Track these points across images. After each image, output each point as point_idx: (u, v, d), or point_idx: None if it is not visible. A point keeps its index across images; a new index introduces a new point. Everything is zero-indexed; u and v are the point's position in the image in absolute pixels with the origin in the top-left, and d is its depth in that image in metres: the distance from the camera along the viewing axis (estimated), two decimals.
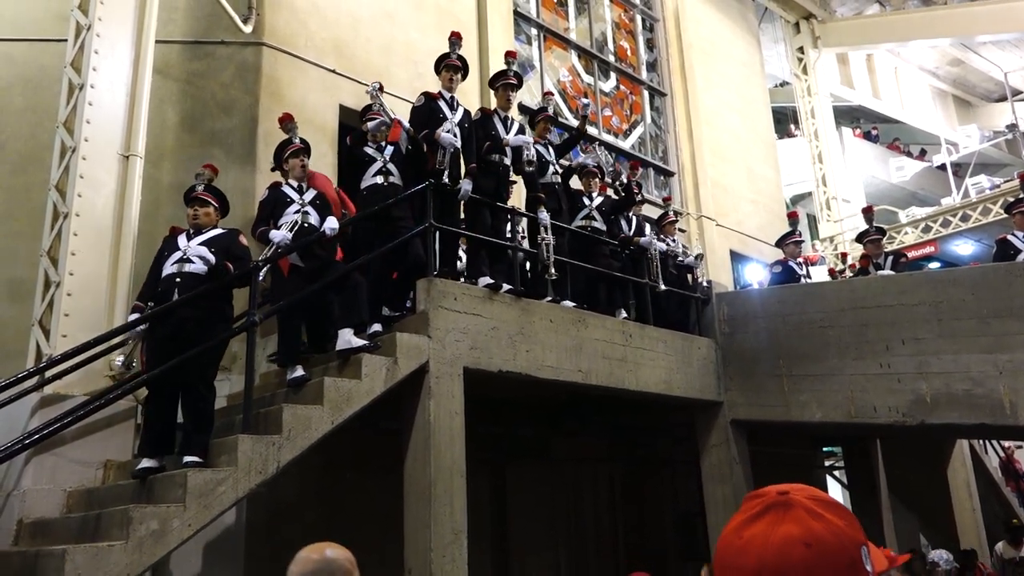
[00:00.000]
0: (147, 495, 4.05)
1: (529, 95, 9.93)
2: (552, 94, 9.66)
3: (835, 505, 0.96)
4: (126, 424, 5.01)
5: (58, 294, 5.03)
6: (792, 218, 9.79)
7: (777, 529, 0.93)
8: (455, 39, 6.29)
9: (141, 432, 4.62)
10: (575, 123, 7.24)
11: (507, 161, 6.38)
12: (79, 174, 5.22)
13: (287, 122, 5.67)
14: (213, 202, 4.86)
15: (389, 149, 5.88)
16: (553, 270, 6.02)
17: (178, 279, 4.53)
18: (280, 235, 5.04)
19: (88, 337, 4.59)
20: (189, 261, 4.59)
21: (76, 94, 5.44)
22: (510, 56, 6.87)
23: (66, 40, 5.67)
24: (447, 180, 5.81)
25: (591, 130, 10.33)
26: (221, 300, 4.66)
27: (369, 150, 5.87)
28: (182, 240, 4.70)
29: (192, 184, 5.00)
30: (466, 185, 5.84)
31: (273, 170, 5.74)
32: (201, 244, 4.68)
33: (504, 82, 6.53)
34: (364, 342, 4.89)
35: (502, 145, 6.24)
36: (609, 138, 10.91)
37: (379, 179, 5.77)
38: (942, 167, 18.56)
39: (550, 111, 7.22)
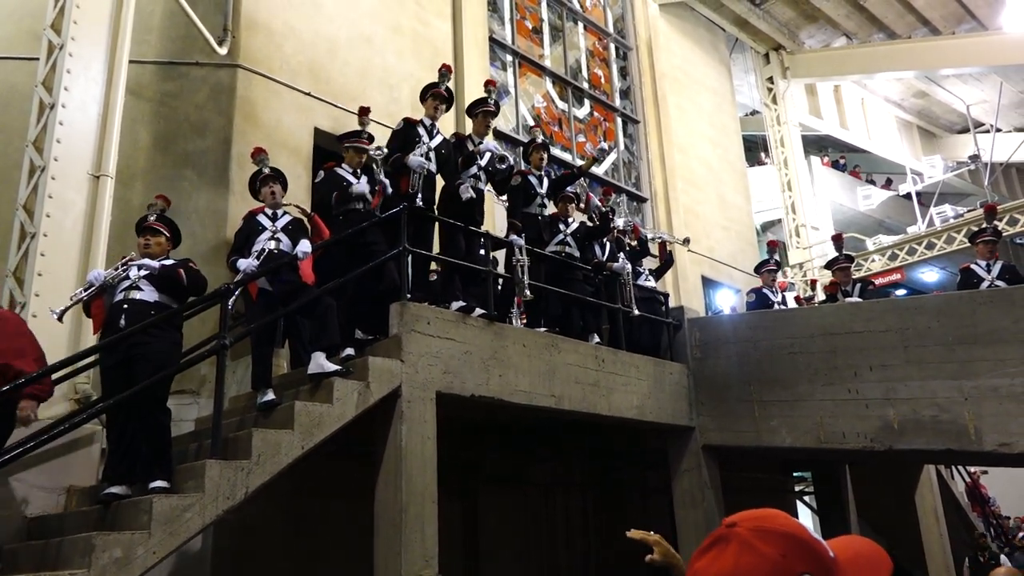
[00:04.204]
0: (111, 522, 3.96)
1: (504, 120, 10.01)
2: (537, 127, 9.77)
3: (778, 535, 0.96)
4: (90, 449, 4.92)
5: (23, 315, 4.94)
6: (771, 247, 9.94)
7: (714, 565, 0.96)
8: (445, 71, 6.40)
9: (106, 459, 4.53)
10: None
11: (481, 185, 6.41)
12: (48, 194, 5.16)
13: (258, 155, 5.69)
14: (165, 231, 4.83)
15: (364, 180, 5.89)
16: (528, 291, 6.04)
17: (125, 306, 4.46)
18: (246, 263, 5.04)
19: (53, 360, 4.51)
20: (138, 288, 4.53)
21: (47, 113, 5.40)
22: (490, 85, 6.95)
23: (38, 59, 5.63)
24: (420, 203, 5.82)
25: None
26: (170, 326, 4.60)
27: (345, 174, 5.87)
28: (132, 269, 4.63)
29: (144, 215, 4.95)
30: (465, 193, 5.87)
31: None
32: (147, 272, 4.62)
33: (483, 109, 6.57)
34: (336, 366, 4.85)
35: (475, 157, 6.28)
36: (582, 164, 11.00)
37: (356, 205, 5.77)
38: (908, 196, 18.97)
39: (539, 140, 7.29)
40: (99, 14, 5.77)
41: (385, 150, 5.90)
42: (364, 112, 6.30)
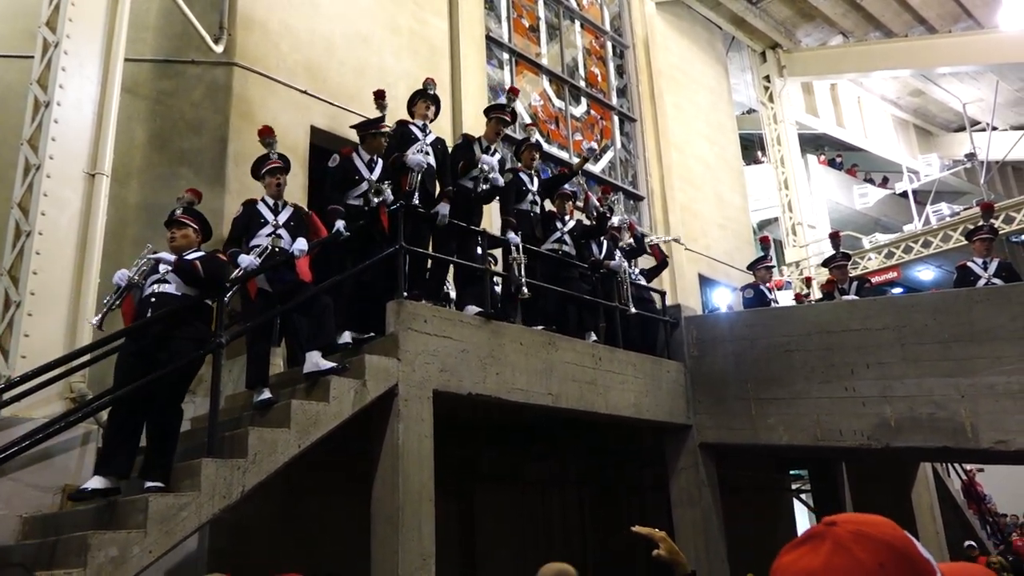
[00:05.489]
0: (106, 521, 3.95)
1: None
2: (534, 126, 9.75)
3: (880, 543, 0.89)
4: (86, 448, 4.90)
5: (18, 314, 4.93)
6: (764, 243, 9.93)
7: (802, 560, 0.91)
8: (430, 83, 6.42)
9: (100, 450, 4.52)
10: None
11: (481, 188, 6.39)
12: (43, 192, 5.14)
13: (267, 136, 5.59)
14: (192, 224, 4.81)
15: (378, 170, 5.87)
16: (526, 289, 6.03)
17: (153, 299, 4.47)
18: (248, 260, 5.01)
19: (49, 358, 4.50)
20: (165, 282, 4.53)
21: (42, 111, 5.38)
22: (513, 93, 6.94)
23: (33, 57, 5.61)
24: (418, 202, 5.81)
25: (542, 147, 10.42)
26: (196, 321, 4.56)
27: (360, 164, 5.84)
28: (162, 264, 4.64)
29: (172, 208, 4.96)
30: (443, 209, 5.85)
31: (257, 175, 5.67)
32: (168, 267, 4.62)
33: (498, 115, 6.55)
34: (332, 364, 4.85)
35: (476, 162, 6.26)
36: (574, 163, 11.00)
37: (360, 201, 5.77)
38: (904, 194, 18.99)
39: (533, 140, 7.26)
40: (94, 12, 5.75)
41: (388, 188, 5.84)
42: (380, 95, 6.28)
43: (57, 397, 4.90)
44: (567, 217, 7.28)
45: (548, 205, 7.38)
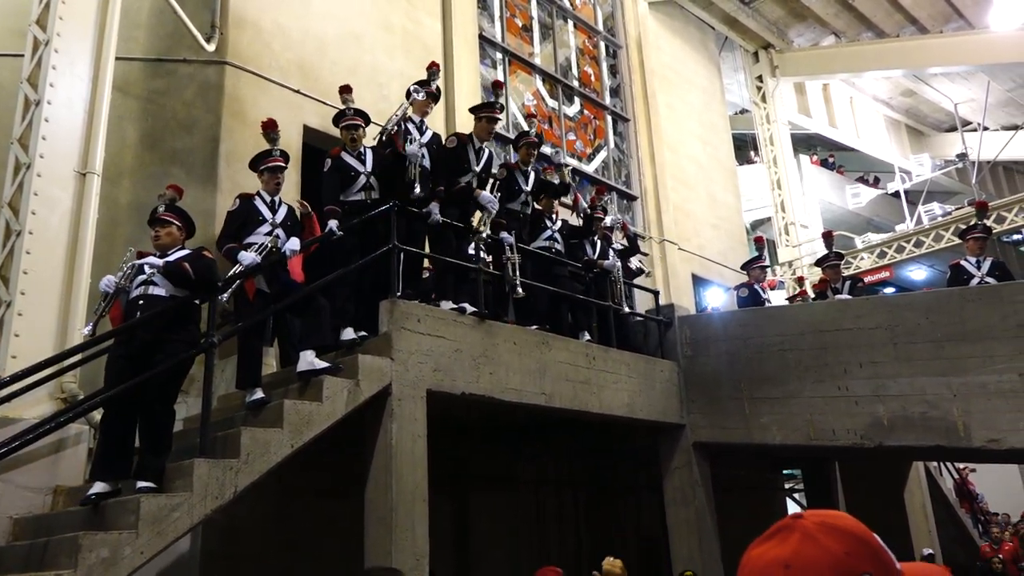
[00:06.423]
0: (98, 522, 3.93)
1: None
2: (536, 116, 9.69)
3: (845, 533, 0.95)
4: (77, 448, 4.87)
5: (9, 314, 4.89)
6: (758, 243, 9.96)
7: (772, 551, 0.95)
8: (435, 69, 6.35)
9: (95, 453, 4.49)
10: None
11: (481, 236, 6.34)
12: (33, 191, 5.11)
13: (270, 130, 5.52)
14: (175, 222, 4.76)
15: (370, 160, 5.85)
16: (520, 288, 6.01)
17: (141, 301, 4.43)
18: (250, 258, 4.97)
19: (39, 358, 4.47)
20: (152, 283, 4.49)
21: (32, 110, 5.34)
22: (498, 87, 6.87)
23: (23, 55, 5.57)
24: (416, 195, 5.79)
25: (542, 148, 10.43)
26: (185, 321, 4.51)
27: (351, 160, 5.82)
28: (146, 265, 4.59)
29: (155, 206, 4.92)
30: (434, 209, 5.83)
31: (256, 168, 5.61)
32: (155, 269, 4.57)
33: (488, 114, 6.49)
34: (326, 363, 4.83)
35: (470, 193, 6.18)
36: (573, 161, 11.00)
37: (362, 195, 5.75)
38: (896, 194, 19.07)
39: (533, 134, 7.20)
40: (85, 10, 5.71)
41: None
42: (345, 90, 6.19)
43: (48, 397, 4.87)
44: (554, 215, 7.27)
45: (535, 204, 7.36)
